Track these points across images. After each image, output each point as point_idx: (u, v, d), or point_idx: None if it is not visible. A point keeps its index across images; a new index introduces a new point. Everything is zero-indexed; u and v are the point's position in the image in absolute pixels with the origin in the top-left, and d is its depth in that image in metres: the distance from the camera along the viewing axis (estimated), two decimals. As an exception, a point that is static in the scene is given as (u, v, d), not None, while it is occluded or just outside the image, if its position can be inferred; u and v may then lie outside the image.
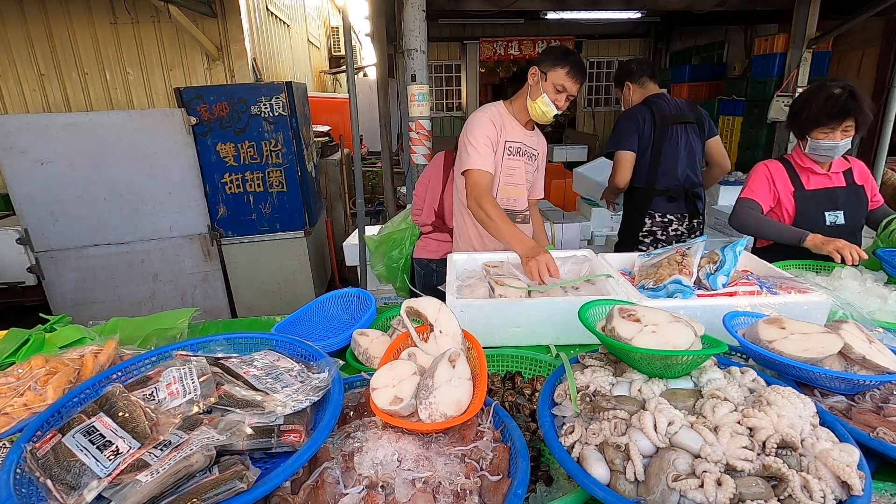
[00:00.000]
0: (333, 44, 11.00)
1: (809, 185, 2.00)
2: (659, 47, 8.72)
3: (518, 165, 2.09)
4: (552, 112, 1.96)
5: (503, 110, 2.07)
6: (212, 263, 3.85)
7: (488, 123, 1.98)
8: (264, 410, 0.88)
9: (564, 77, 1.91)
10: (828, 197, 2.00)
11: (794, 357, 1.03)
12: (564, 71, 1.90)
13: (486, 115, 2.01)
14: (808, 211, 1.99)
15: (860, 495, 0.72)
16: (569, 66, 1.90)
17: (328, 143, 5.58)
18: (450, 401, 0.90)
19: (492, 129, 1.98)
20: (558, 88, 1.93)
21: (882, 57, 5.16)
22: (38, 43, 4.67)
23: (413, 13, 2.60)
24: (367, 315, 1.50)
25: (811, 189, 2.00)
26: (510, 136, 2.04)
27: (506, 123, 2.04)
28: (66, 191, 3.34)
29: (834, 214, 1.99)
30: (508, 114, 2.07)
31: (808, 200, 2.00)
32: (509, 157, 2.06)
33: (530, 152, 2.12)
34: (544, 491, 0.88)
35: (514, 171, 2.09)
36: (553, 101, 1.95)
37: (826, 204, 2.00)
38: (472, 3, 5.66)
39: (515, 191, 2.12)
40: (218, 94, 3.52)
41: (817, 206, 1.99)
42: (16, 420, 0.99)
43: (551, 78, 1.92)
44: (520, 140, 2.07)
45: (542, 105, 1.95)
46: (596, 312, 1.17)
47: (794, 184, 2.01)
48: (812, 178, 2.01)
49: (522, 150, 2.09)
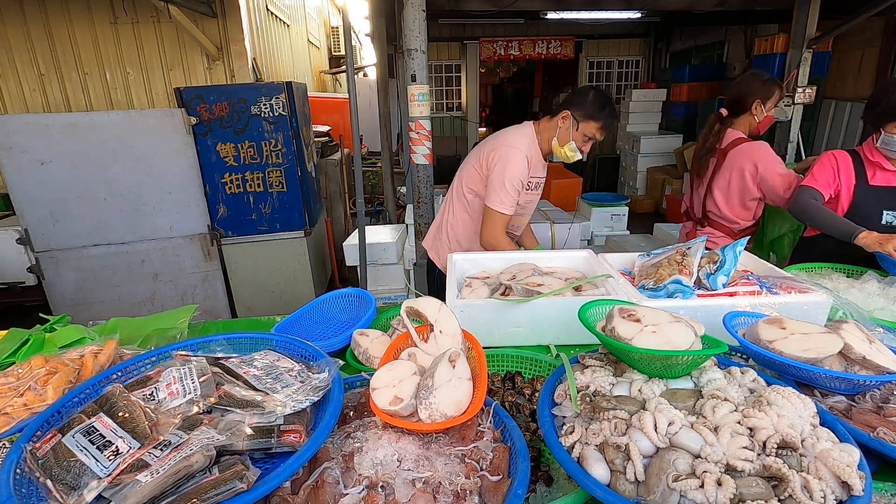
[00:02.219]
0: (333, 44, 11.00)
1: (873, 181, 1.92)
2: (659, 47, 8.72)
3: (533, 199, 2.15)
4: (577, 157, 1.99)
5: (532, 144, 2.03)
6: (212, 263, 3.85)
7: (524, 167, 1.97)
8: (264, 410, 0.88)
9: (597, 130, 1.93)
10: (890, 195, 1.90)
11: (795, 357, 1.03)
12: (598, 125, 1.91)
13: (523, 155, 1.97)
14: (865, 206, 1.91)
15: (860, 495, 0.72)
16: (604, 120, 1.91)
17: (328, 143, 5.58)
18: (450, 401, 0.90)
19: (525, 172, 1.99)
20: (588, 137, 1.94)
21: (882, 57, 5.16)
22: (38, 43, 4.67)
23: (413, 13, 2.59)
24: (367, 315, 1.50)
25: (874, 185, 1.91)
26: (534, 172, 2.07)
27: (533, 161, 2.03)
28: (66, 191, 3.34)
29: (892, 214, 1.90)
30: (535, 146, 2.05)
31: (867, 195, 1.91)
32: (527, 192, 2.08)
33: (539, 183, 2.16)
34: (544, 491, 0.88)
35: (529, 203, 2.15)
36: (580, 148, 1.97)
37: (888, 202, 1.90)
38: (472, 3, 5.66)
39: (522, 220, 2.18)
40: (218, 94, 3.52)
41: (878, 202, 1.90)
42: (16, 420, 0.99)
43: (583, 128, 1.92)
44: (540, 175, 2.12)
45: (569, 151, 1.97)
46: (596, 312, 1.17)
47: (858, 177, 1.93)
48: (879, 173, 1.92)
49: (538, 184, 2.13)
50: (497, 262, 1.80)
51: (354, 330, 1.40)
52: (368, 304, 1.57)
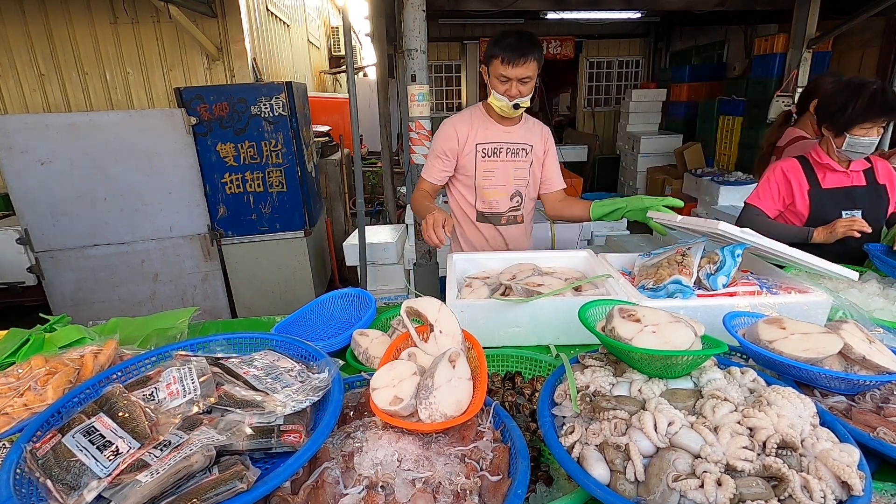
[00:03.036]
0: (333, 44, 11.00)
1: (826, 184, 1.96)
2: (659, 47, 8.72)
3: (497, 167, 2.00)
4: (508, 105, 1.85)
5: (477, 112, 2.00)
6: (212, 263, 3.85)
7: (449, 135, 1.96)
8: (264, 410, 0.88)
9: (501, 67, 1.78)
10: (846, 196, 1.95)
11: (794, 357, 1.03)
12: (498, 60, 1.78)
13: (450, 125, 1.97)
14: (823, 210, 1.95)
15: (860, 495, 0.72)
16: (500, 53, 1.76)
17: (328, 143, 5.58)
18: (450, 401, 0.90)
19: (452, 141, 1.95)
20: (501, 80, 1.81)
21: (882, 57, 5.16)
22: (38, 43, 4.67)
23: (413, 13, 2.59)
24: (367, 315, 1.50)
25: (828, 188, 1.95)
26: (482, 137, 1.97)
27: (476, 125, 1.97)
28: (66, 191, 3.34)
29: (851, 214, 1.94)
30: (482, 114, 1.99)
31: (823, 199, 1.95)
32: (484, 160, 1.98)
33: (515, 149, 2.01)
34: (544, 491, 0.88)
35: (493, 172, 2.01)
36: (504, 94, 1.83)
37: (844, 203, 1.95)
38: (472, 3, 5.67)
39: (496, 192, 2.04)
40: (218, 94, 3.52)
41: (834, 204, 1.95)
42: (16, 420, 0.99)
43: (492, 72, 1.82)
44: (496, 140, 1.98)
45: (496, 101, 1.86)
46: (596, 312, 1.17)
47: (810, 182, 1.97)
48: (829, 175, 1.96)
49: (501, 149, 1.99)
50: (497, 262, 1.80)
51: (354, 330, 1.40)
52: (368, 304, 1.57)
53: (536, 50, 1.78)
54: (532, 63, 1.78)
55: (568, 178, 5.66)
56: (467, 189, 2.06)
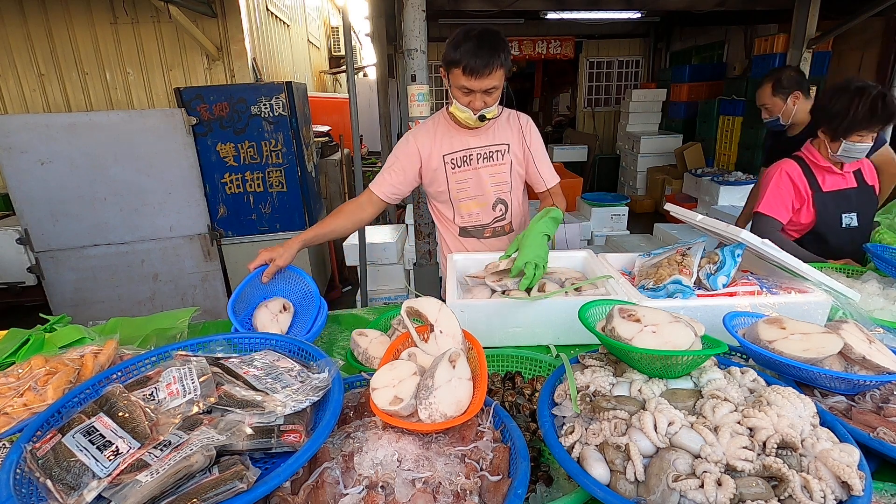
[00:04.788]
0: (333, 44, 11.00)
1: (826, 187, 1.94)
2: (659, 47, 8.72)
3: (470, 177, 1.82)
4: (472, 118, 1.64)
5: (441, 119, 1.81)
6: (212, 263, 3.85)
7: (408, 151, 1.78)
8: (264, 410, 0.88)
9: (463, 77, 1.55)
10: (843, 198, 1.94)
11: (794, 357, 1.03)
12: (460, 70, 1.55)
13: (411, 139, 1.79)
14: (825, 214, 1.93)
15: (860, 495, 0.72)
16: (463, 62, 1.52)
17: (328, 143, 5.58)
18: (450, 401, 0.90)
19: (412, 157, 1.78)
20: (464, 91, 1.60)
21: (882, 57, 5.16)
22: (38, 43, 4.67)
23: (413, 13, 2.59)
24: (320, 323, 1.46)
25: (828, 191, 1.94)
26: (448, 147, 1.78)
27: (439, 135, 1.78)
28: (66, 191, 3.34)
29: (849, 216, 1.94)
30: (446, 122, 1.79)
31: (825, 202, 1.94)
32: (455, 171, 1.80)
33: (486, 153, 1.81)
34: (544, 491, 0.88)
35: (466, 183, 1.83)
36: (468, 105, 1.62)
37: (843, 205, 1.94)
38: (472, 3, 5.67)
39: (474, 204, 1.87)
40: (218, 94, 3.52)
41: (835, 207, 1.94)
42: (16, 420, 0.99)
43: (453, 81, 1.60)
44: (463, 147, 1.79)
45: (458, 112, 1.65)
46: (596, 312, 1.17)
47: (812, 186, 1.94)
48: (829, 178, 1.94)
49: (472, 157, 1.80)
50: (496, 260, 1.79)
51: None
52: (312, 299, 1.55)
53: (502, 54, 1.55)
54: (498, 72, 1.56)
55: (568, 177, 5.66)
56: (443, 205, 1.92)
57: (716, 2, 5.41)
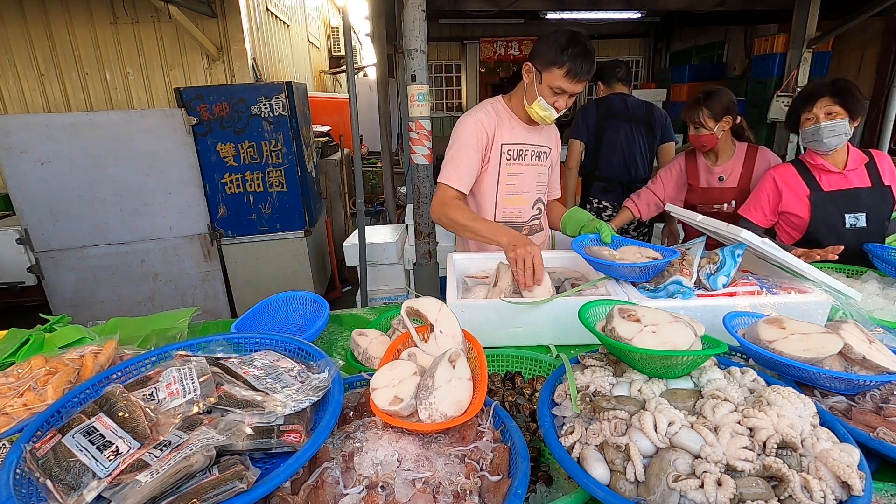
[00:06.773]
0: (333, 44, 11.00)
1: (827, 186, 1.92)
2: (659, 47, 8.73)
3: (522, 170, 1.84)
4: (552, 116, 1.72)
5: (501, 108, 1.83)
6: (212, 263, 3.85)
7: (476, 130, 1.76)
8: (264, 410, 0.88)
9: (562, 79, 1.61)
10: (848, 198, 1.91)
11: (794, 357, 1.03)
12: (562, 72, 1.60)
13: (474, 119, 1.77)
14: (825, 214, 1.91)
15: (860, 495, 0.72)
16: (567, 64, 1.58)
17: (328, 143, 5.58)
18: (450, 401, 0.90)
19: (479, 137, 1.76)
20: (556, 91, 1.64)
21: (882, 57, 5.17)
22: (38, 43, 4.67)
23: (413, 13, 2.59)
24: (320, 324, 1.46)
25: (829, 190, 1.92)
26: (508, 137, 1.80)
27: (502, 124, 1.80)
28: (66, 191, 3.34)
29: (855, 217, 1.90)
30: (507, 111, 1.82)
31: (825, 203, 1.92)
32: (509, 163, 1.82)
33: (538, 151, 1.86)
34: (544, 491, 0.88)
35: (518, 177, 1.84)
36: (552, 105, 1.68)
37: (846, 205, 1.91)
38: (472, 3, 5.67)
39: (518, 200, 1.87)
40: (218, 94, 3.52)
41: (836, 208, 1.91)
42: (16, 420, 0.99)
43: (547, 79, 1.64)
44: (521, 141, 1.82)
45: (539, 109, 1.70)
46: (596, 312, 1.17)
47: (810, 185, 1.93)
48: (827, 177, 1.93)
49: (526, 152, 1.83)
50: (497, 262, 1.79)
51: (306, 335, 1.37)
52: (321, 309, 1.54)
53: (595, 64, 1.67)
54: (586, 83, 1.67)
55: (568, 178, 5.65)
56: (485, 197, 1.88)
57: (716, 2, 5.42)
